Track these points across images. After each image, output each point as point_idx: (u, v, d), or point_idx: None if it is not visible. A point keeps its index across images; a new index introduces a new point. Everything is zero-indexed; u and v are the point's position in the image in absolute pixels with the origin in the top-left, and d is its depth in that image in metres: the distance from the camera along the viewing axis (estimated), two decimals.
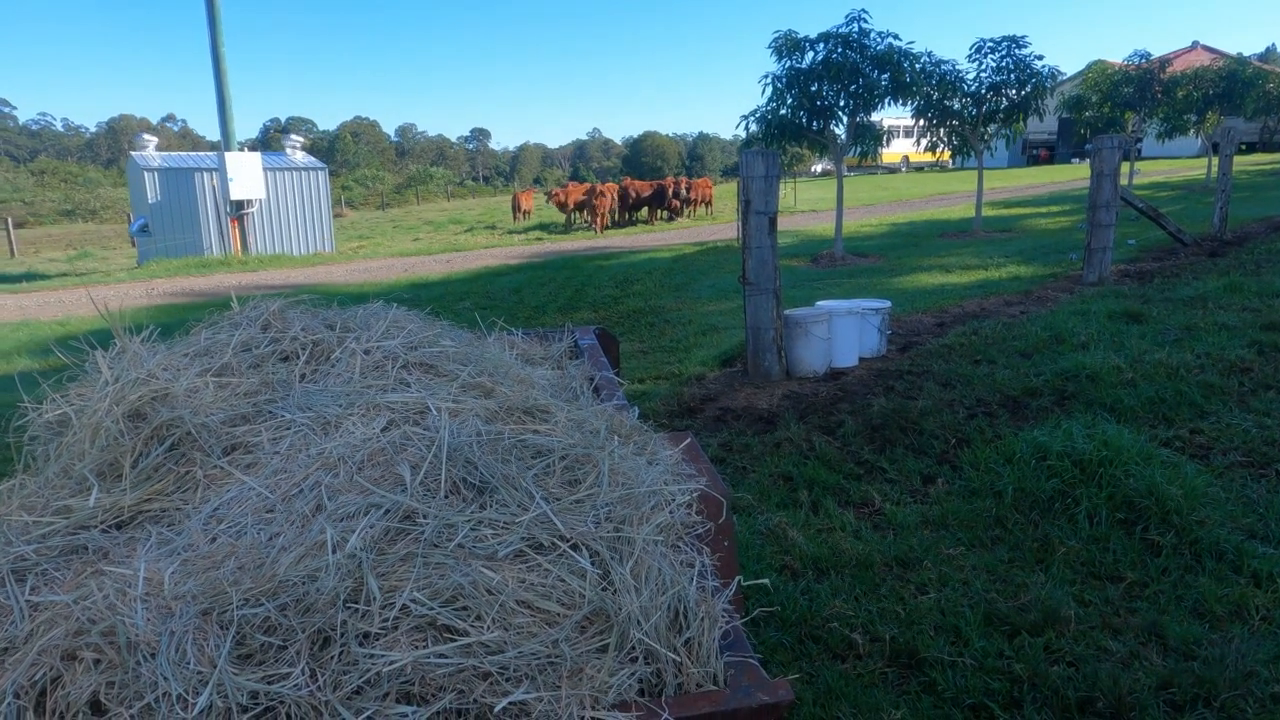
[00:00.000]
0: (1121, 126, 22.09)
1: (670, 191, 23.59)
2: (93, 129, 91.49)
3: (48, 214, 49.34)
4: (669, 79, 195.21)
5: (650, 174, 57.49)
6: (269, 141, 71.49)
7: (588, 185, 23.04)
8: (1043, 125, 24.40)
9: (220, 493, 1.42)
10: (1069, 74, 27.27)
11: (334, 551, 1.23)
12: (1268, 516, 3.31)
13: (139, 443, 1.50)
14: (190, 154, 21.88)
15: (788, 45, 11.67)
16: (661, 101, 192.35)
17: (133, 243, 22.15)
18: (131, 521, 1.41)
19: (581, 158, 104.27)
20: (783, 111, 11.88)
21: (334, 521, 1.30)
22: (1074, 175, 29.86)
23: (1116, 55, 27.10)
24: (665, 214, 24.03)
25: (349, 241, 24.11)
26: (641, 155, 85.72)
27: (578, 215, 23.61)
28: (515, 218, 27.18)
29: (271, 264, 16.66)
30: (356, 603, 1.19)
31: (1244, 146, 35.43)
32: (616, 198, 23.57)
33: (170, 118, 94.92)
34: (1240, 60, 24.39)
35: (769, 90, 11.91)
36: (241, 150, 18.30)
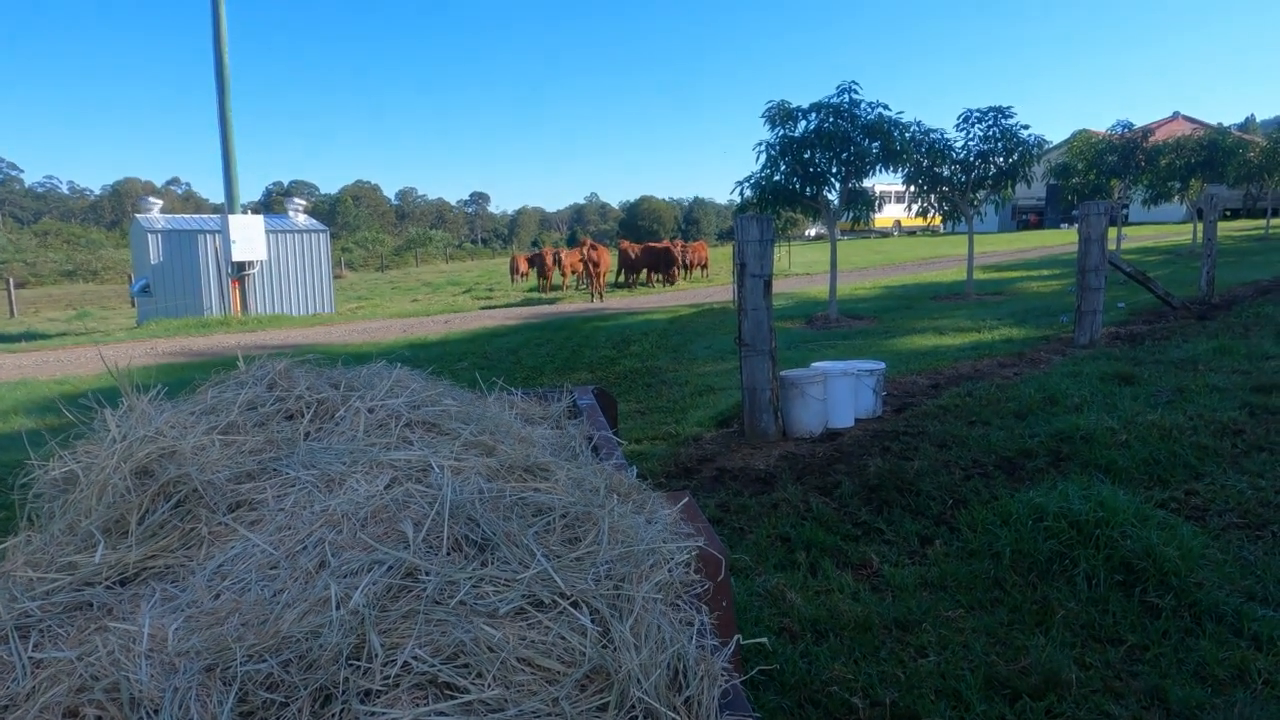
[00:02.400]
0: (1108, 193, 22.61)
1: (679, 260, 23.80)
2: (97, 191, 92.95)
3: (49, 274, 49.80)
4: (665, 145, 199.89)
5: (647, 237, 58.36)
6: (271, 204, 72.65)
7: (576, 248, 23.37)
8: (1031, 191, 24.96)
9: (225, 549, 1.44)
10: (1055, 142, 28.03)
11: (337, 608, 1.25)
12: (1265, 579, 3.30)
13: (145, 499, 1.52)
14: (193, 216, 22.22)
15: (781, 115, 12.03)
16: (658, 166, 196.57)
17: (133, 303, 22.33)
18: (136, 578, 1.42)
19: (579, 221, 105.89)
20: (776, 177, 12.18)
21: (337, 578, 1.32)
22: (1063, 240, 30.41)
23: (1100, 124, 27.89)
24: (661, 279, 24.30)
25: (348, 302, 24.32)
26: (638, 219, 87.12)
27: (560, 278, 24.06)
28: (513, 280, 27.52)
29: (271, 324, 16.77)
30: (359, 659, 1.20)
31: (1228, 213, 36.22)
32: (617, 259, 23.97)
33: (175, 181, 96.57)
34: (1220, 130, 25.14)
35: (763, 157, 12.24)
36: (245, 213, 18.61)
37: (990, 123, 13.64)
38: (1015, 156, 13.65)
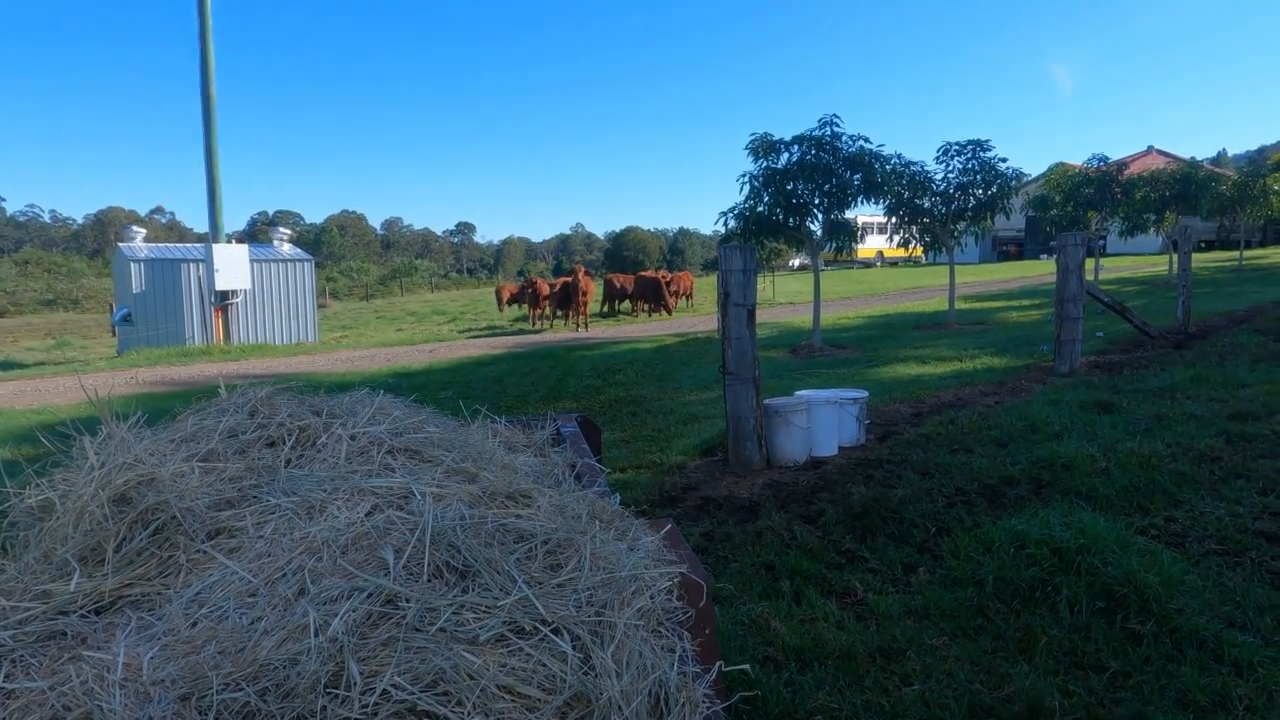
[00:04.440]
0: (1085, 225, 23.00)
1: (665, 288, 23.68)
2: (80, 221, 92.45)
3: (28, 303, 49.38)
4: (651, 176, 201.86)
5: (632, 267, 58.67)
6: (256, 234, 72.56)
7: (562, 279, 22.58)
8: (1011, 222, 25.40)
9: (203, 577, 1.42)
10: (1033, 175, 28.56)
11: (316, 635, 1.24)
12: (1245, 604, 3.32)
13: (123, 527, 1.51)
14: (177, 245, 22.18)
15: (764, 147, 12.19)
16: (643, 197, 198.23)
17: (113, 332, 22.16)
18: (112, 606, 1.40)
19: (565, 251, 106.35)
20: (760, 208, 12.31)
21: (316, 605, 1.31)
22: (1043, 270, 30.83)
23: (1076, 158, 28.47)
24: (650, 309, 24.38)
25: (332, 331, 24.23)
26: (623, 249, 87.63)
27: (548, 311, 22.99)
28: (501, 309, 27.42)
29: (253, 353, 16.67)
30: (337, 688, 1.19)
31: (1203, 244, 36.92)
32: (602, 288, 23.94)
33: (158, 210, 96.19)
34: (1193, 164, 25.70)
35: (747, 188, 12.38)
36: (229, 242, 18.58)
37: (969, 155, 13.88)
38: (994, 189, 13.89)
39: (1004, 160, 13.80)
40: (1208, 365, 8.41)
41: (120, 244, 20.31)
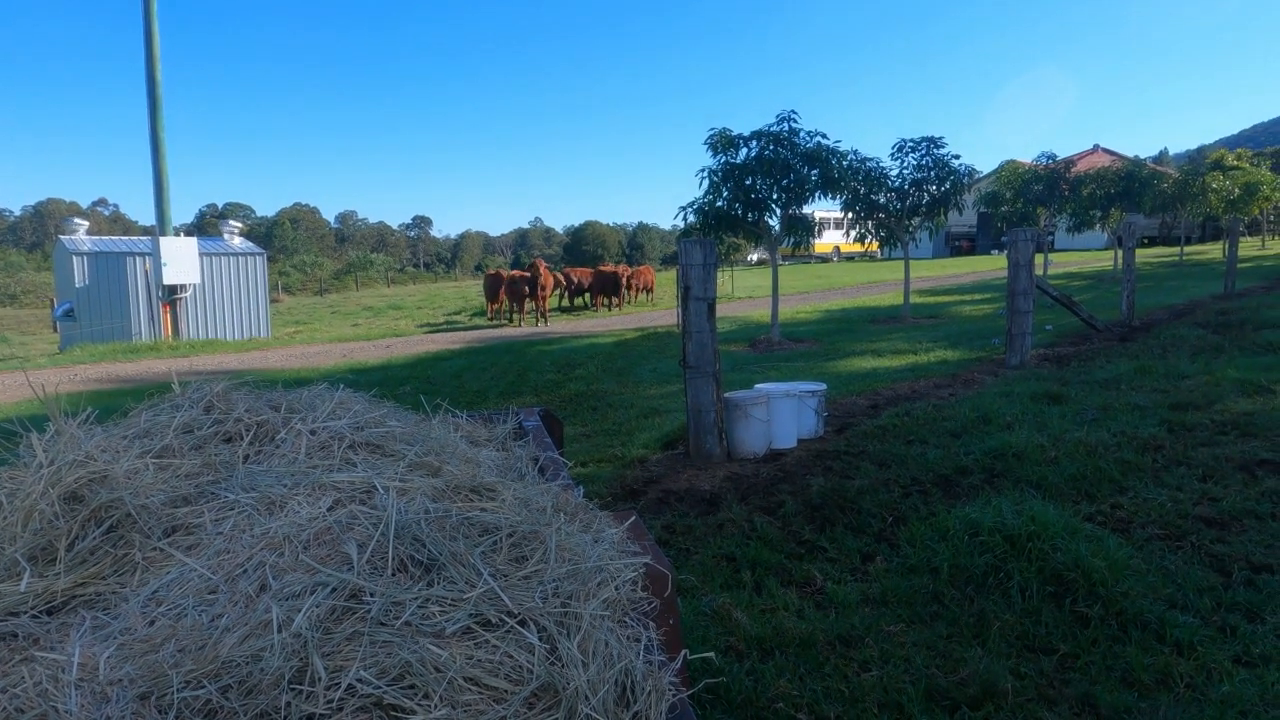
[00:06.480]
0: (1034, 220, 23.58)
1: (625, 282, 23.61)
2: (18, 212, 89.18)
3: None
4: (610, 170, 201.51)
5: (591, 262, 58.53)
6: (204, 227, 70.77)
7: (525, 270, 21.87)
8: (963, 218, 25.91)
9: (160, 575, 1.39)
10: (984, 172, 29.18)
11: (279, 631, 1.22)
12: (1185, 587, 3.46)
13: (75, 525, 1.47)
14: (122, 238, 21.52)
15: (723, 142, 12.25)
16: (602, 191, 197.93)
17: (55, 328, 21.44)
18: (65, 606, 1.37)
19: (523, 245, 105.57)
20: (719, 203, 12.37)
21: (279, 601, 1.29)
22: (994, 265, 31.51)
23: (1026, 155, 29.16)
24: (608, 301, 24.34)
25: (285, 327, 23.75)
26: (583, 244, 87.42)
27: (515, 307, 22.19)
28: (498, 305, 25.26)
29: (204, 349, 16.27)
30: (301, 683, 1.17)
31: (1145, 240, 38.10)
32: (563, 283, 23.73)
33: (101, 202, 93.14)
34: (1136, 162, 26.51)
35: (706, 183, 12.43)
36: (177, 235, 18.08)
37: (923, 152, 14.12)
38: (947, 185, 14.15)
39: (956, 157, 14.09)
40: (1151, 357, 8.69)
41: (61, 236, 19.64)
